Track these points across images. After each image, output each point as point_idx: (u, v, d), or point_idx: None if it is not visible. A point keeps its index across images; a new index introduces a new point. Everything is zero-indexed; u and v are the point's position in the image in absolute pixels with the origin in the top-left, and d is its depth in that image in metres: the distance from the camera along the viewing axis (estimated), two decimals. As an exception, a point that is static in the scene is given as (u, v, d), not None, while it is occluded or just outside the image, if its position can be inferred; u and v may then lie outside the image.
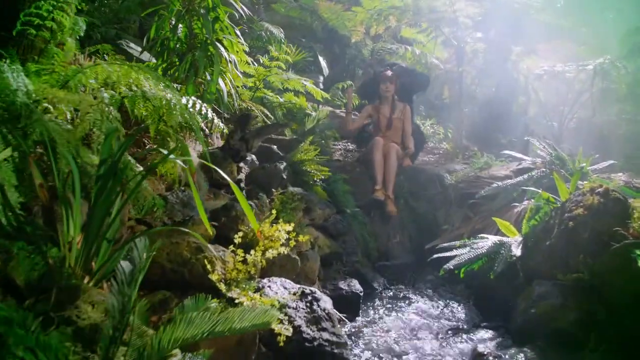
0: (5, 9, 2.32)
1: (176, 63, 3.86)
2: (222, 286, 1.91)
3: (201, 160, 3.09)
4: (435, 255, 3.36)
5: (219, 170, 1.86)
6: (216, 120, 3.33)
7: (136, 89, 2.30)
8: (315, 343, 2.05)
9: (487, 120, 7.31)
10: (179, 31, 4.03)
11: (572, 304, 2.66)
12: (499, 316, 3.11)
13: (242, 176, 3.23)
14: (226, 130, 3.27)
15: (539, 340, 2.58)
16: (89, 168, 1.94)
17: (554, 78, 6.88)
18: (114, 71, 2.34)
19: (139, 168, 2.53)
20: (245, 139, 2.93)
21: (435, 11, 7.27)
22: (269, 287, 2.13)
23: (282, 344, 1.89)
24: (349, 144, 5.78)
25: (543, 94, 7.60)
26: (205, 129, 3.80)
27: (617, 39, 8.78)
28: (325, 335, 2.08)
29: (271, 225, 2.30)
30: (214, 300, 1.70)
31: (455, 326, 3.03)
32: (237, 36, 4.13)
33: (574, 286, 2.70)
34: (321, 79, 6.42)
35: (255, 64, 4.54)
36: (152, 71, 3.45)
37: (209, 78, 3.89)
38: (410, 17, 7.54)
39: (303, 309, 2.09)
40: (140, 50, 4.10)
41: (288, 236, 2.28)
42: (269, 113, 4.44)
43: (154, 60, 3.96)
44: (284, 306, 2.04)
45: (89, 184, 1.92)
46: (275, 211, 2.45)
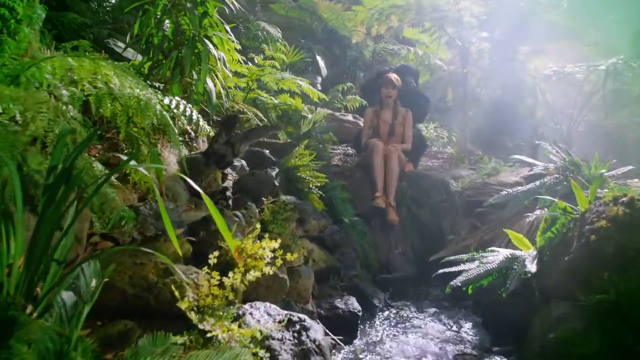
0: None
1: (163, 61, 3.60)
2: (193, 315, 1.62)
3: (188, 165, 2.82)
4: (441, 271, 3.07)
5: (187, 179, 1.58)
6: (201, 123, 3.06)
7: (102, 85, 2.02)
8: (304, 382, 1.77)
9: (493, 124, 7.02)
10: (167, 27, 3.78)
11: (596, 327, 2.37)
12: (512, 339, 2.81)
13: (228, 183, 2.95)
14: (213, 134, 3.00)
15: (559, 369, 2.29)
16: (37, 176, 1.66)
17: (563, 79, 6.59)
18: (78, 65, 2.07)
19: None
20: (231, 143, 2.64)
21: (439, 10, 6.99)
22: (250, 314, 1.85)
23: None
24: (348, 148, 5.50)
25: (551, 96, 7.31)
26: (191, 132, 3.53)
27: (625, 39, 8.50)
28: (316, 372, 1.79)
29: (255, 241, 2.02)
30: (177, 338, 1.41)
31: (463, 351, 2.73)
32: (228, 33, 3.86)
33: (597, 307, 2.40)
34: (319, 79, 6.15)
35: (249, 64, 4.27)
36: (128, 69, 3.18)
37: (196, 77, 3.64)
38: (412, 16, 7.26)
39: (290, 340, 1.80)
40: (124, 47, 3.84)
41: (274, 254, 1.99)
42: (262, 115, 4.17)
43: (141, 58, 3.71)
44: (268, 337, 1.75)
45: (36, 194, 1.64)
46: (259, 225, 2.16)
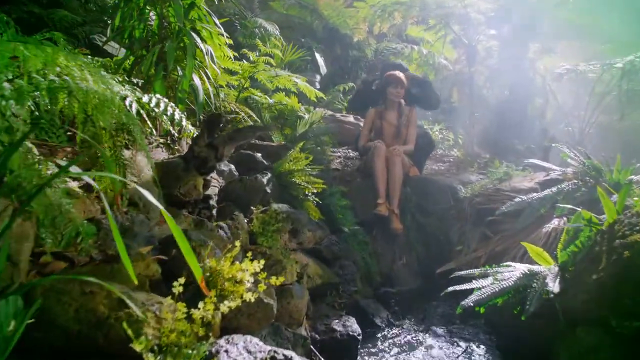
0: None
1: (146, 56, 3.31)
2: (151, 358, 1.31)
3: (173, 170, 2.51)
4: (451, 288, 2.75)
5: (143, 191, 1.27)
6: (185, 123, 2.76)
7: (54, 78, 1.72)
8: None
9: (501, 125, 6.69)
10: (152, 20, 3.50)
11: None
12: (532, 367, 2.49)
13: (213, 190, 2.63)
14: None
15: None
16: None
17: (575, 79, 6.27)
18: (31, 55, 1.77)
19: (70, 185, 1.97)
20: (214, 146, 2.33)
21: (444, 6, 6.70)
22: (226, 351, 1.53)
23: None
24: (349, 151, 5.19)
25: (561, 96, 6.98)
26: (175, 133, 3.23)
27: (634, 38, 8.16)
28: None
29: (233, 264, 1.70)
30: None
31: (477, 382, 2.41)
32: (217, 26, 3.57)
33: (635, 337, 2.08)
34: (318, 78, 5.84)
35: (244, 61, 3.97)
36: (102, 64, 2.89)
37: (181, 74, 3.34)
38: (416, 13, 6.98)
39: (273, 384, 1.49)
40: (103, 42, 3.54)
41: (257, 278, 1.68)
42: (256, 116, 3.86)
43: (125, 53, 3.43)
44: (246, 382, 1.44)
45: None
46: (239, 243, 1.84)
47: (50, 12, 4.15)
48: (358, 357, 2.57)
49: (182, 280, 1.50)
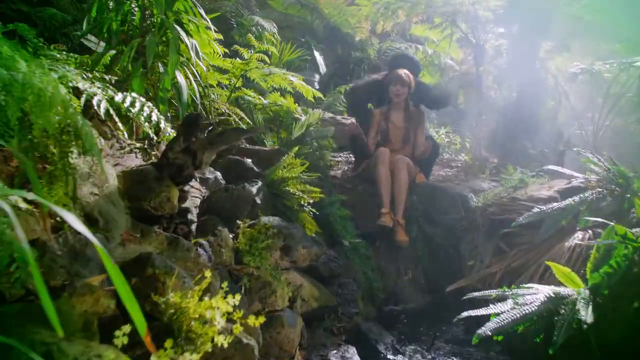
0: None
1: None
2: None
3: (143, 177, 2.19)
4: (465, 314, 2.41)
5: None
6: (163, 125, 2.45)
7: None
8: None
9: (511, 128, 6.33)
10: (134, 13, 3.21)
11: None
12: (560, 407, 2.15)
13: (193, 203, 2.31)
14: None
15: None
16: None
17: (588, 79, 5.93)
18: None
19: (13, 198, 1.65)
20: (192, 151, 2.01)
21: (451, 4, 6.38)
22: (189, 416, 1.21)
23: None
24: (351, 156, 4.87)
25: (573, 97, 6.64)
26: (153, 137, 2.91)
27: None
28: None
29: (202, 298, 1.37)
30: None
31: None
32: (204, 19, 3.26)
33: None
34: (317, 77, 5.52)
35: (237, 59, 3.65)
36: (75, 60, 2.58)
37: (163, 70, 3.04)
38: (421, 11, 6.67)
39: None
40: (79, 35, 3.23)
41: (231, 317, 1.35)
42: (248, 118, 3.54)
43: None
44: None
45: None
46: (210, 274, 1.51)
47: (38, 11, 3.88)
48: (359, 395, 2.25)
49: (128, 328, 1.17)
